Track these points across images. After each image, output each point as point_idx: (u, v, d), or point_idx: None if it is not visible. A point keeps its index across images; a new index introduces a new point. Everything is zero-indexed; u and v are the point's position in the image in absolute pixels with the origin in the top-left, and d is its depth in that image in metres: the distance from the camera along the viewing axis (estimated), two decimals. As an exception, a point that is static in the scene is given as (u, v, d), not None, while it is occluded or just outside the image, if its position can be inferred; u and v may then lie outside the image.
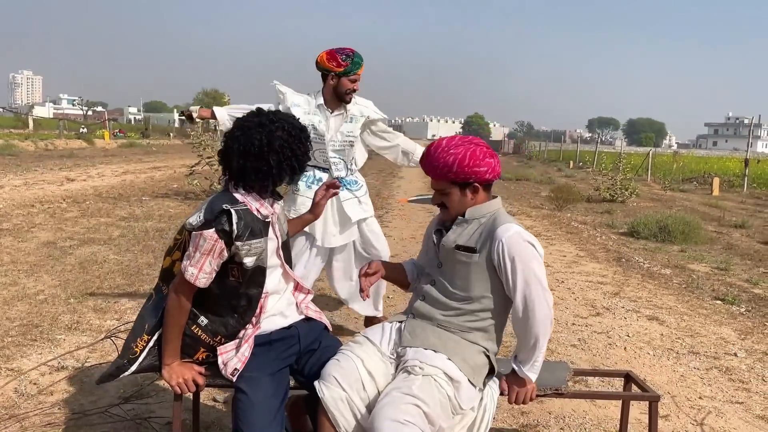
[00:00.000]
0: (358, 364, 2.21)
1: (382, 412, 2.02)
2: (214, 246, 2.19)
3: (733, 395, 3.77)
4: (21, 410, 3.08)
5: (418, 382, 2.12)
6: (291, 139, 2.24)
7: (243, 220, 2.22)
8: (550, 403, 3.45)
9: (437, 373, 2.16)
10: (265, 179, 2.26)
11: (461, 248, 2.32)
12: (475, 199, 2.35)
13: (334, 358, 2.28)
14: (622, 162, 17.26)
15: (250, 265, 2.26)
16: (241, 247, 2.22)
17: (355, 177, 4.00)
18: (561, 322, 5.03)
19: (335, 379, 2.15)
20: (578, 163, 33.87)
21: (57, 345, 3.97)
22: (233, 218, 2.19)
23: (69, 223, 8.33)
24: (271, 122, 2.24)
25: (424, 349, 2.25)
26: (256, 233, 2.25)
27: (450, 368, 2.20)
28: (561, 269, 7.05)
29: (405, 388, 2.09)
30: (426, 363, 2.18)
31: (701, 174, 24.77)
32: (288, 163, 2.26)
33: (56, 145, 26.96)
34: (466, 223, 2.36)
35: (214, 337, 2.35)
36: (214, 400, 3.32)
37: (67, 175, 15.04)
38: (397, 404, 2.03)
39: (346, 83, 3.71)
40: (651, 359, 4.30)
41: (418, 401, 2.05)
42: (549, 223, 10.96)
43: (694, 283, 6.55)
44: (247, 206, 2.26)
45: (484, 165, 2.29)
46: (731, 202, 16.38)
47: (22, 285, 5.29)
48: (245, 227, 2.22)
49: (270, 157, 2.21)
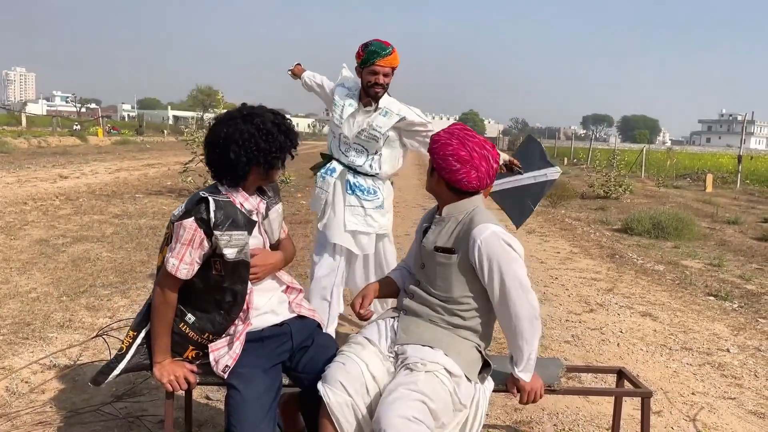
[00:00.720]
0: (363, 368, 2.19)
1: (390, 408, 2.00)
2: (194, 235, 2.20)
3: (726, 391, 3.78)
4: (12, 409, 3.06)
5: (422, 377, 2.11)
6: (258, 133, 2.22)
7: (222, 210, 2.22)
8: (544, 400, 3.42)
9: (439, 369, 2.16)
10: (229, 171, 2.26)
11: (439, 249, 2.31)
12: (440, 190, 2.35)
13: (337, 360, 2.24)
14: (616, 159, 17.31)
15: (231, 257, 2.24)
16: (220, 237, 2.21)
17: (374, 183, 3.62)
18: (554, 318, 5.04)
19: (341, 385, 2.13)
20: (572, 160, 33.96)
21: (49, 343, 3.95)
22: (210, 206, 2.21)
23: (62, 220, 8.29)
24: (242, 116, 2.25)
25: (421, 346, 2.24)
26: (238, 225, 2.25)
27: (449, 364, 2.20)
28: (555, 266, 7.06)
29: (411, 384, 2.08)
30: (426, 360, 2.18)
31: (695, 170, 24.87)
32: (250, 157, 2.22)
33: (49, 143, 26.85)
34: (443, 222, 2.35)
35: (201, 334, 2.34)
36: (207, 398, 3.31)
37: (60, 172, 14.98)
38: (404, 400, 2.02)
39: (367, 75, 3.47)
40: (644, 355, 4.31)
41: (425, 397, 2.05)
42: (543, 219, 10.97)
43: (687, 280, 6.57)
44: (230, 198, 2.27)
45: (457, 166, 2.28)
46: (724, 198, 16.44)
47: (15, 283, 5.26)
48: (225, 217, 2.22)
49: (231, 150, 2.21)
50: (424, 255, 2.38)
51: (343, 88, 3.65)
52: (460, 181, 2.29)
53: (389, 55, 3.41)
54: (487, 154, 2.30)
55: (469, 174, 2.27)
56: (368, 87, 3.48)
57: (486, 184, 2.33)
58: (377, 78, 3.43)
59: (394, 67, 3.48)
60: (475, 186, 2.30)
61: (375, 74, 3.42)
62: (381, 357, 2.27)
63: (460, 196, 2.34)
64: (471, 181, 2.29)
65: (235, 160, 2.22)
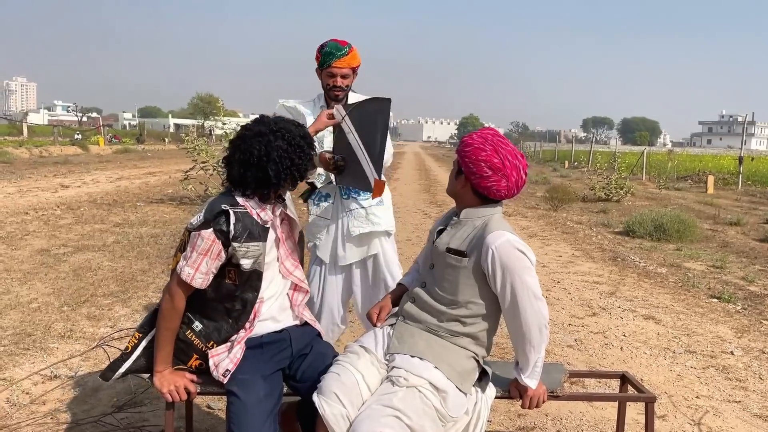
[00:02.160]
0: (359, 378, 2.17)
1: (361, 425, 2.00)
2: (212, 246, 2.21)
3: (731, 394, 3.75)
4: (13, 420, 3.05)
5: (401, 394, 2.09)
6: (290, 148, 2.24)
7: (241, 222, 2.23)
8: (547, 405, 3.42)
9: (422, 384, 2.13)
10: (265, 188, 2.28)
11: (451, 251, 2.30)
12: (463, 192, 2.34)
13: (333, 371, 2.21)
14: (617, 161, 17.31)
15: (247, 268, 2.26)
16: (238, 249, 2.23)
17: None
18: (557, 322, 5.02)
19: (336, 396, 2.10)
20: (573, 163, 33.94)
21: (50, 354, 3.94)
22: (231, 219, 2.21)
23: (63, 230, 8.29)
24: (271, 131, 2.25)
25: (410, 357, 2.22)
26: (254, 236, 2.26)
27: (436, 378, 2.16)
28: (557, 269, 7.04)
29: (386, 400, 2.07)
30: (411, 373, 2.16)
31: (696, 172, 24.82)
32: (287, 173, 2.26)
33: (51, 152, 26.89)
34: (460, 225, 2.35)
35: (207, 342, 2.33)
36: (208, 407, 3.30)
37: (61, 181, 15.00)
38: (376, 417, 2.01)
39: (325, 78, 3.29)
40: (647, 359, 4.29)
41: (399, 413, 2.03)
42: (544, 223, 10.96)
43: (690, 282, 6.55)
44: (247, 210, 2.27)
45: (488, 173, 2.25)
46: (726, 199, 16.42)
47: (15, 293, 5.25)
48: (243, 229, 2.23)
49: (269, 167, 2.22)
50: (434, 255, 2.37)
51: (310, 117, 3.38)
52: (490, 189, 2.27)
53: (346, 56, 3.23)
54: (518, 164, 2.28)
55: (500, 182, 2.26)
56: (328, 90, 3.32)
57: (513, 194, 2.33)
58: (335, 80, 3.26)
59: (353, 67, 3.30)
60: (503, 195, 2.29)
61: (332, 76, 3.26)
62: (377, 365, 2.25)
63: (484, 203, 2.33)
64: (501, 190, 2.27)
65: (274, 177, 2.24)
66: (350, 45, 3.26)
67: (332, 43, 3.23)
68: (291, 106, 3.46)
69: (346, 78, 3.26)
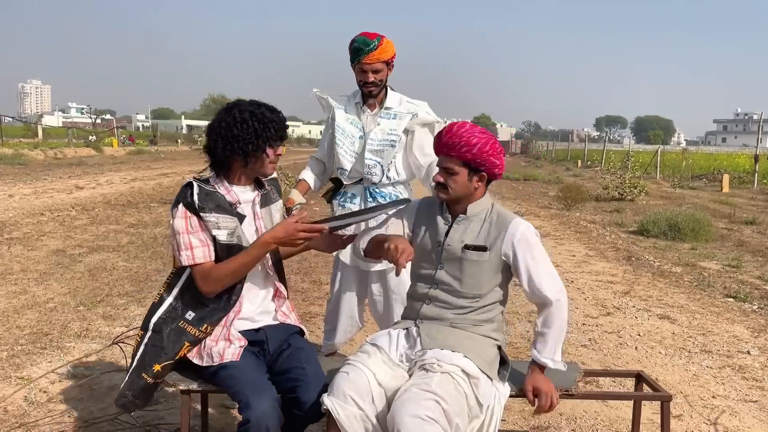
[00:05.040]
0: (370, 377, 2.16)
1: (403, 408, 2.00)
2: (188, 221, 2.31)
3: (747, 394, 3.72)
4: (31, 418, 3.08)
5: (437, 378, 2.12)
6: (233, 121, 2.32)
7: (206, 194, 2.33)
8: (561, 405, 3.41)
9: (455, 371, 2.17)
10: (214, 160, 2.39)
11: (471, 248, 2.33)
12: (478, 189, 2.37)
13: (342, 371, 2.19)
14: (631, 160, 17.18)
15: (223, 240, 2.32)
16: (207, 219, 2.31)
17: (394, 189, 3.34)
18: (571, 322, 5.00)
19: (350, 398, 2.10)
20: (586, 162, 33.77)
21: (66, 353, 3.98)
22: (194, 189, 2.32)
23: (78, 230, 8.37)
24: (225, 108, 2.38)
25: (441, 350, 2.25)
26: (224, 209, 2.34)
27: (468, 366, 2.21)
28: (570, 269, 7.01)
29: (424, 385, 2.08)
30: (443, 361, 2.19)
31: (711, 171, 24.60)
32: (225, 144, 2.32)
33: (65, 154, 27.13)
34: (467, 221, 2.37)
35: (200, 327, 2.37)
36: (223, 406, 3.32)
37: (76, 183, 15.13)
38: (417, 400, 2.02)
39: (357, 75, 3.22)
40: (663, 358, 4.26)
41: (438, 398, 2.04)
42: (558, 222, 10.92)
43: (706, 281, 6.49)
44: (215, 189, 2.37)
45: (498, 160, 2.35)
46: (741, 198, 16.26)
47: (32, 293, 5.31)
48: (208, 199, 2.32)
49: (210, 139, 2.37)
50: (446, 255, 2.36)
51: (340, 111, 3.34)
52: (500, 173, 2.39)
53: (375, 50, 3.11)
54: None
55: (504, 161, 2.40)
56: (361, 86, 3.24)
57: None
58: (366, 76, 3.17)
59: (384, 60, 3.17)
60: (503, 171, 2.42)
61: (364, 73, 3.17)
62: (390, 364, 2.25)
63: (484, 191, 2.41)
64: (503, 168, 2.41)
65: (214, 147, 2.35)
66: (380, 37, 3.14)
67: (360, 37, 3.14)
68: (323, 97, 3.45)
69: (377, 73, 3.17)
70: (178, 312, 2.40)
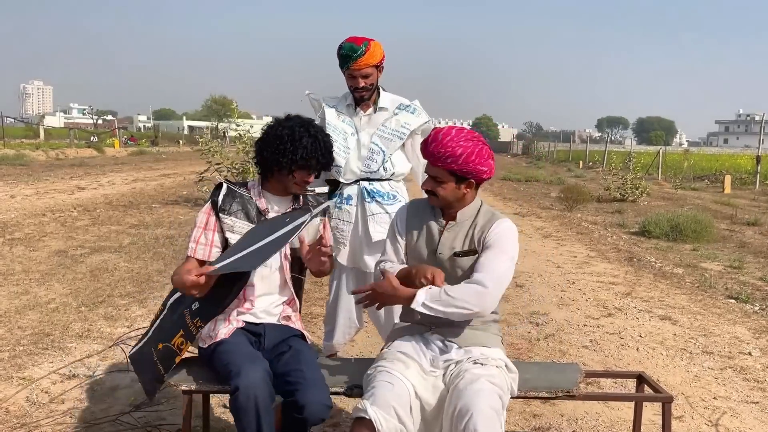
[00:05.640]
0: (410, 389, 2.13)
1: (479, 396, 2.01)
2: (207, 219, 2.43)
3: (749, 395, 3.72)
4: (32, 419, 3.09)
5: (496, 372, 2.17)
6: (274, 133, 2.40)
7: (232, 198, 2.44)
8: (562, 406, 3.42)
9: (502, 365, 2.23)
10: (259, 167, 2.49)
11: (460, 254, 2.32)
12: (467, 194, 2.35)
13: (385, 380, 2.13)
14: (632, 161, 17.18)
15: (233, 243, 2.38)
16: (224, 220, 2.40)
17: (391, 187, 3.31)
18: (572, 323, 5.00)
19: (393, 410, 2.05)
20: (588, 163, 33.75)
21: (68, 353, 3.99)
22: (222, 190, 2.44)
23: (80, 231, 8.38)
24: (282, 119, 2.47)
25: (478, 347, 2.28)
26: (246, 214, 2.43)
27: (507, 360, 2.28)
28: (572, 270, 7.01)
29: (490, 377, 2.12)
30: (490, 356, 2.23)
31: (712, 172, 24.58)
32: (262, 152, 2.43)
33: (67, 154, 27.18)
34: (456, 227, 2.36)
35: (193, 319, 2.41)
36: (225, 407, 3.32)
37: (77, 183, 15.15)
38: (489, 392, 2.06)
39: (347, 80, 3.19)
40: (664, 359, 4.26)
41: (502, 392, 2.11)
42: (559, 223, 10.91)
43: (707, 282, 6.49)
44: (250, 195, 2.47)
45: (486, 165, 2.31)
46: (743, 199, 16.23)
47: (34, 294, 5.32)
48: (234, 204, 2.43)
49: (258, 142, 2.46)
50: (438, 264, 2.35)
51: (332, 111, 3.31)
52: (489, 177, 2.38)
53: (363, 55, 3.07)
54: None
55: (492, 164, 2.38)
56: (352, 92, 3.23)
57: None
58: (356, 82, 3.15)
59: (373, 64, 3.13)
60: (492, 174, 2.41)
61: (353, 78, 3.15)
62: (423, 374, 2.23)
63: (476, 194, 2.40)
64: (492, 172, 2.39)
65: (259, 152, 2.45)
66: (367, 42, 3.10)
67: (347, 44, 3.10)
68: (315, 98, 3.43)
69: (367, 77, 3.15)
70: (189, 299, 2.44)
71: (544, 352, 4.31)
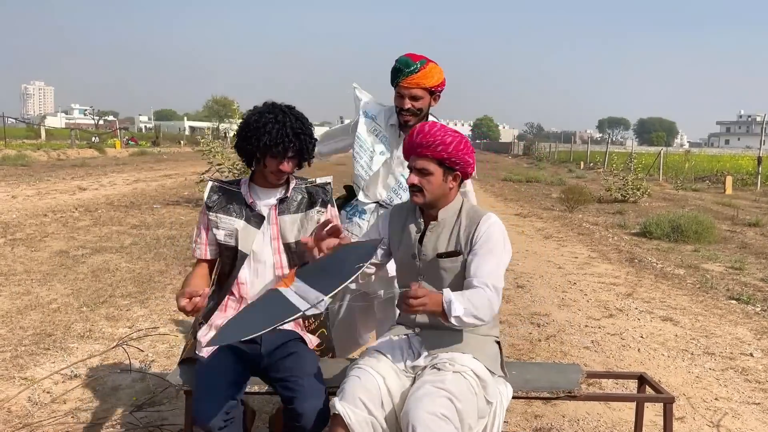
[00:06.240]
0: (380, 381, 2.15)
1: (419, 404, 2.00)
2: (202, 217, 2.49)
3: (750, 396, 3.72)
4: (34, 419, 3.09)
5: (450, 377, 2.11)
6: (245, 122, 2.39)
7: (218, 194, 2.47)
8: (564, 406, 3.43)
9: (466, 371, 2.17)
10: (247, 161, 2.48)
11: (444, 255, 2.29)
12: (452, 189, 2.33)
13: (353, 375, 2.17)
14: (633, 162, 17.16)
15: (220, 239, 2.45)
16: (211, 217, 2.46)
17: None
18: (573, 324, 5.00)
19: (361, 402, 2.07)
20: (589, 164, 33.72)
21: (70, 353, 3.99)
22: (207, 189, 2.49)
23: (81, 232, 8.39)
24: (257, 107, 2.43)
25: (450, 352, 2.24)
26: (228, 211, 2.44)
27: (477, 367, 2.21)
28: (573, 271, 7.01)
29: (438, 383, 2.08)
30: (455, 361, 2.19)
31: (714, 173, 24.57)
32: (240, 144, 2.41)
33: (68, 155, 27.18)
34: (438, 227, 2.34)
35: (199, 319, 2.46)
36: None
37: (79, 184, 15.16)
38: (432, 397, 2.02)
39: (395, 98, 2.91)
40: (665, 360, 4.26)
41: (452, 396, 2.04)
42: (560, 224, 10.91)
43: (708, 283, 6.49)
44: (239, 189, 2.48)
45: (471, 158, 2.33)
46: (745, 200, 16.23)
47: (36, 294, 5.33)
48: (218, 200, 2.46)
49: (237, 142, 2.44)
50: (422, 267, 2.34)
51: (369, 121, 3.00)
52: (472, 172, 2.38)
53: (415, 73, 2.79)
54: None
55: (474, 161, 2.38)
56: (398, 113, 2.92)
57: None
58: (402, 102, 2.85)
59: (426, 87, 2.84)
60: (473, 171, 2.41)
61: (400, 98, 2.86)
62: (396, 371, 2.23)
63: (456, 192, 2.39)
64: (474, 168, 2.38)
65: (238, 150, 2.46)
66: (425, 60, 2.84)
67: (403, 58, 2.85)
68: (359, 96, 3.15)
69: (416, 100, 2.84)
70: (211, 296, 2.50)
71: (546, 352, 4.31)
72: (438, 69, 2.87)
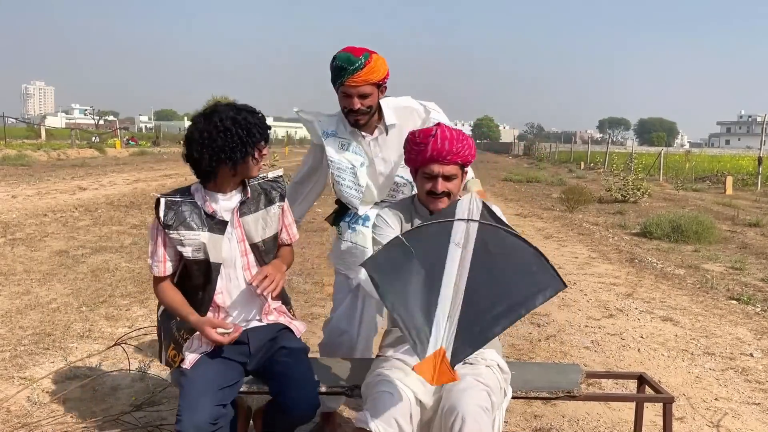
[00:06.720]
0: (411, 397, 2.11)
1: (465, 395, 2.01)
2: (157, 232, 2.31)
3: (750, 396, 3.71)
4: (33, 419, 3.09)
5: (484, 371, 2.16)
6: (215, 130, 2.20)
7: (174, 211, 2.28)
8: (564, 406, 3.42)
9: (494, 366, 2.22)
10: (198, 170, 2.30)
11: None
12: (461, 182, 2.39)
13: (385, 390, 2.10)
14: (634, 162, 17.15)
15: (188, 256, 2.30)
16: (172, 236, 2.28)
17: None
18: (573, 324, 4.99)
19: (395, 421, 2.04)
20: (589, 164, 33.71)
21: (69, 353, 3.99)
22: (161, 207, 2.28)
23: (81, 231, 8.39)
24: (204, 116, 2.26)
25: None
26: (190, 226, 2.28)
27: (499, 360, 2.27)
28: (573, 271, 7.00)
29: (477, 376, 2.12)
30: (484, 356, 2.23)
31: (714, 173, 24.56)
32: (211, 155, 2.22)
33: (68, 155, 27.18)
34: None
35: (179, 332, 2.39)
36: (226, 407, 3.32)
37: (79, 184, 15.15)
38: (476, 389, 2.06)
39: (340, 100, 2.65)
40: (665, 360, 4.25)
41: (489, 389, 2.10)
42: (560, 224, 10.90)
43: (709, 283, 6.48)
44: (194, 199, 2.31)
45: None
46: (745, 200, 16.22)
47: (35, 294, 5.32)
48: (175, 217, 2.27)
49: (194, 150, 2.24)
50: None
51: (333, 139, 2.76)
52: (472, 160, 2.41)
53: (361, 69, 2.52)
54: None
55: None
56: (346, 115, 2.66)
57: None
58: (351, 102, 2.58)
59: (373, 82, 2.57)
60: None
61: (348, 97, 2.59)
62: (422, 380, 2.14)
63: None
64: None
65: (199, 159, 2.24)
66: (368, 53, 2.57)
67: (343, 54, 2.56)
68: (307, 119, 2.87)
69: (366, 98, 2.59)
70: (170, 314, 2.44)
71: (545, 352, 4.31)
72: (382, 60, 2.62)
